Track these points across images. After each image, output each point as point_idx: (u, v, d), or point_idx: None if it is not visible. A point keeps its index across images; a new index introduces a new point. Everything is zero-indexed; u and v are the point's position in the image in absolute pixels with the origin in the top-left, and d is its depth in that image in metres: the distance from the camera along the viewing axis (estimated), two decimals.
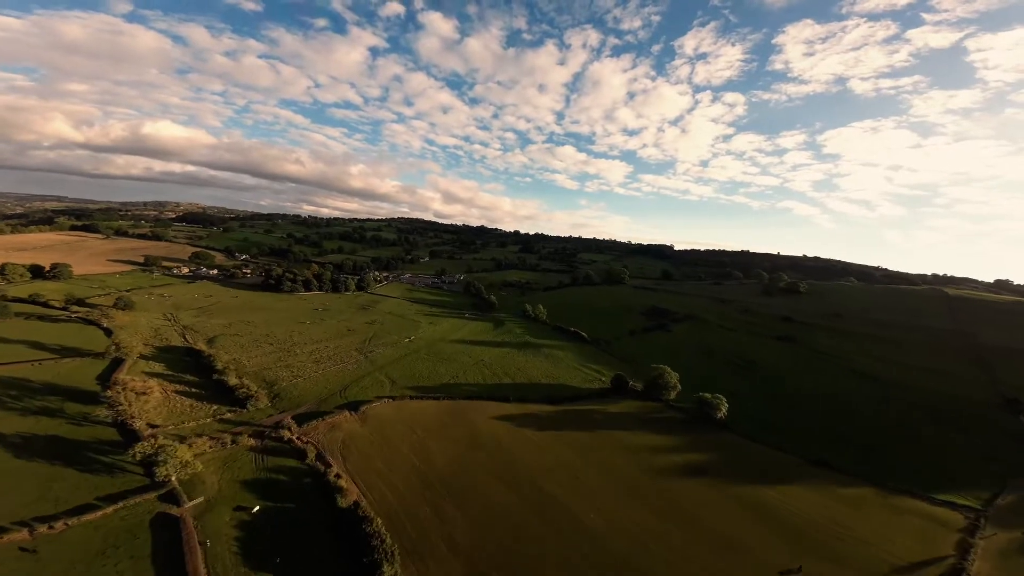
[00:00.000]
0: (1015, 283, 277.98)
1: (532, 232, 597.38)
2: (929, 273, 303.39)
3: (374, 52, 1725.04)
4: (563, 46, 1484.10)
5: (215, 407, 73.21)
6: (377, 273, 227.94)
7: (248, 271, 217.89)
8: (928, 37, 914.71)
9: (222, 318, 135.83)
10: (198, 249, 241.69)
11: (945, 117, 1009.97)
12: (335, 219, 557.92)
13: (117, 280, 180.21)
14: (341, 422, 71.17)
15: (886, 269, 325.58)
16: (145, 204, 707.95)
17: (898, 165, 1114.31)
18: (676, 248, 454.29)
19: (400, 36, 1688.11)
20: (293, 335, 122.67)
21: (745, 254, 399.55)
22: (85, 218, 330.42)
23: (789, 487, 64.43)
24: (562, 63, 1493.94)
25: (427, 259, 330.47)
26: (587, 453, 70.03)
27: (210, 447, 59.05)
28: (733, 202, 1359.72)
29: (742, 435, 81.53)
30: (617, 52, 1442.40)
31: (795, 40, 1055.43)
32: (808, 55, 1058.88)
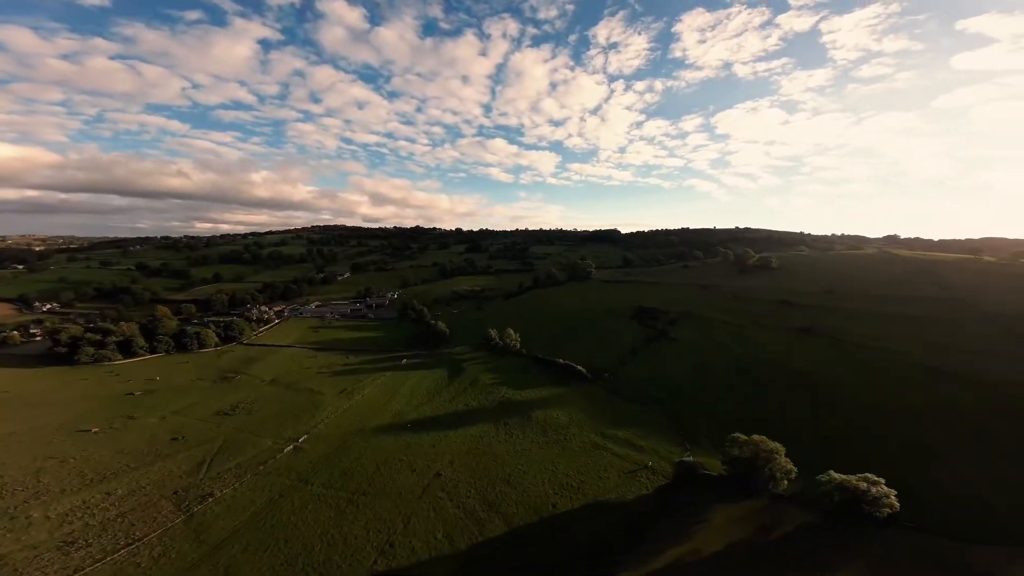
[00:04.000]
0: (900, 237, 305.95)
1: (476, 229, 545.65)
2: (831, 233, 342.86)
3: (266, 45, 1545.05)
4: (483, 36, 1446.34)
5: None
6: (265, 308, 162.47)
7: (39, 332, 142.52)
8: (793, 21, 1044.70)
9: None
10: None
11: (805, 95, 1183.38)
12: (222, 236, 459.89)
13: None
14: None
15: (811, 234, 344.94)
16: None
17: (773, 140, 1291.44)
18: (623, 232, 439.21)
19: (297, 27, 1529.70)
20: (45, 470, 62.22)
21: (686, 231, 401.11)
22: None
23: None
24: (484, 54, 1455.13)
25: (348, 275, 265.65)
26: None
27: None
28: (648, 184, 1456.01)
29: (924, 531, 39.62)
30: (537, 42, 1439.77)
31: (690, 28, 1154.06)
32: (701, 42, 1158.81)
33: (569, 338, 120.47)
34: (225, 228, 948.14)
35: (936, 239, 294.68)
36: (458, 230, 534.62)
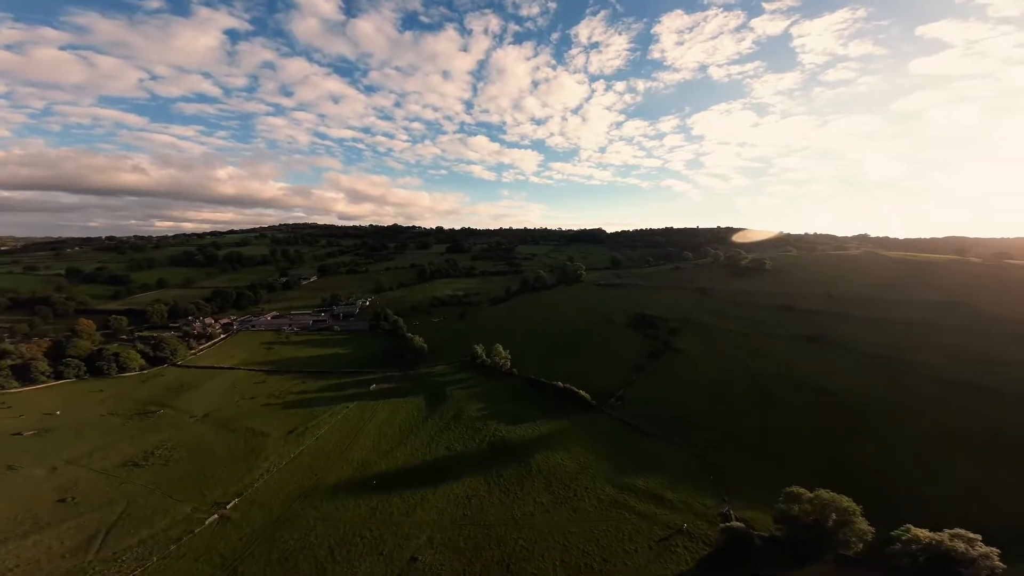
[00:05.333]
0: (871, 236, 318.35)
1: (458, 227, 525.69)
2: (804, 232, 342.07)
3: (233, 36, 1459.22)
4: (464, 31, 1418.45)
5: None
6: (211, 320, 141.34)
7: None
8: (766, 25, 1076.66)
9: None
10: None
11: (775, 98, 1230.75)
12: (175, 236, 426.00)
13: None
14: None
15: (794, 234, 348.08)
16: None
17: (744, 142, 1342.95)
18: (608, 231, 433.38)
19: (267, 17, 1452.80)
20: None
21: (671, 231, 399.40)
22: None
23: None
24: (465, 49, 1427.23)
25: (314, 278, 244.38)
26: None
27: None
28: (627, 184, 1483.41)
29: None
30: (519, 39, 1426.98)
31: (669, 30, 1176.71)
32: (679, 44, 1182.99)
33: (565, 353, 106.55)
34: (189, 227, 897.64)
35: (902, 238, 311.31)
36: (439, 228, 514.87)
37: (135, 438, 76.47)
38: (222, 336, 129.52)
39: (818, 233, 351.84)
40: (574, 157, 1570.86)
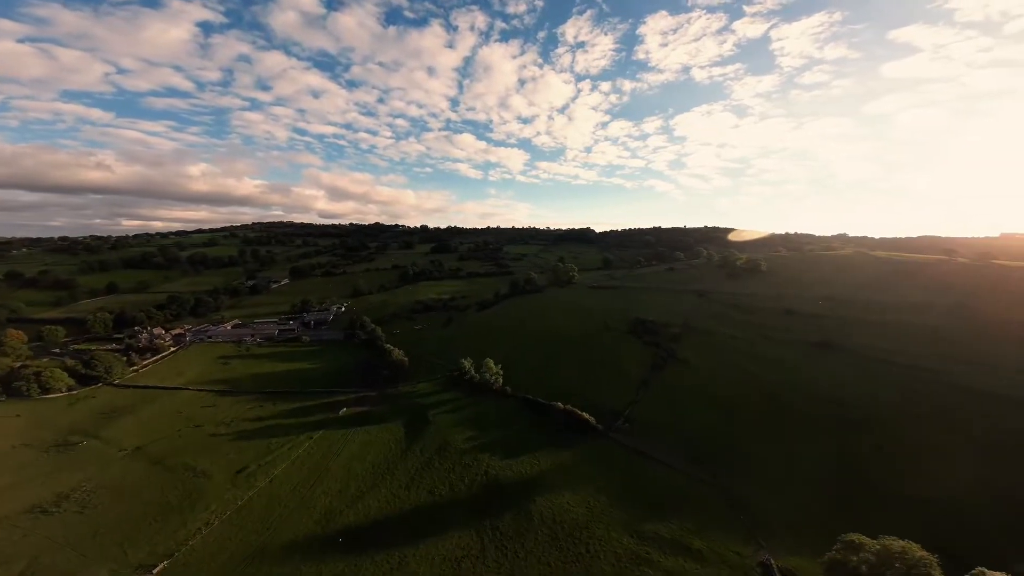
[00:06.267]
0: (850, 235, 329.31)
1: (444, 226, 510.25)
2: (786, 232, 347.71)
3: (206, 28, 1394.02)
4: (450, 27, 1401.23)
5: None
6: (160, 330, 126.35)
7: None
8: (747, 28, 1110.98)
9: None
10: None
11: (754, 100, 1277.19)
12: (135, 235, 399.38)
13: None
14: None
15: (781, 234, 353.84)
16: None
17: (724, 143, 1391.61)
18: (597, 231, 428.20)
19: (243, 9, 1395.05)
20: None
21: (659, 230, 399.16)
22: None
23: None
24: (451, 46, 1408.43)
25: (286, 282, 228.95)
26: None
27: None
28: (612, 184, 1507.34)
29: None
30: (506, 37, 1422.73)
31: (653, 31, 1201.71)
32: (663, 45, 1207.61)
33: (561, 364, 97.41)
34: (159, 226, 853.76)
35: (878, 237, 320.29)
36: (423, 227, 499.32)
37: (49, 477, 63.44)
38: (172, 349, 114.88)
39: (799, 232, 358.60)
40: (560, 156, 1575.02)
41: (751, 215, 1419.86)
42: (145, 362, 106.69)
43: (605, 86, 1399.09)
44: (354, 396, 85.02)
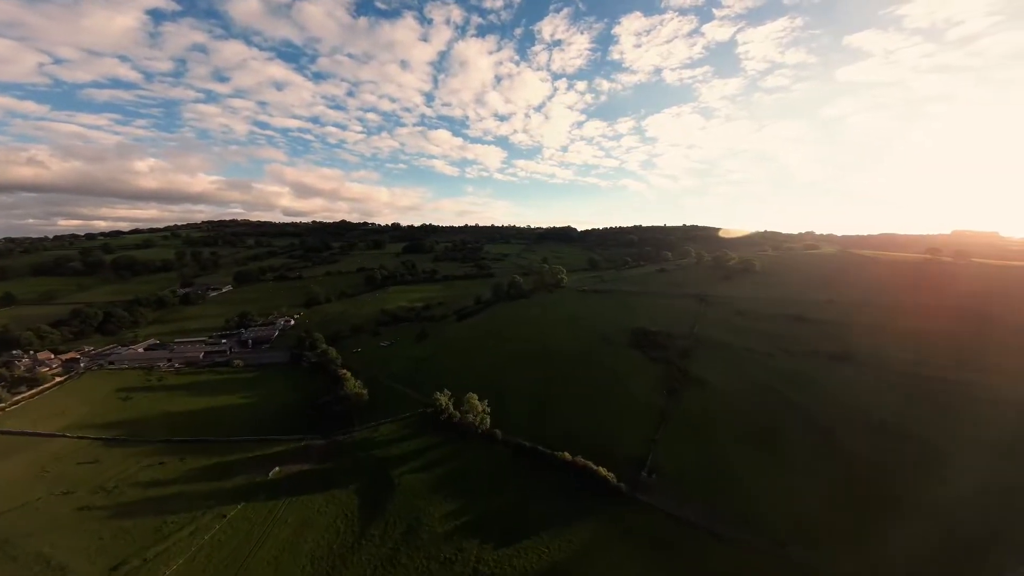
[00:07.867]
0: (817, 233, 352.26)
1: (418, 224, 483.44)
2: (754, 231, 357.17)
3: (156, 16, 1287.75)
4: (424, 20, 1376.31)
5: None
6: (48, 355, 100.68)
7: None
8: (716, 31, 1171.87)
9: None
10: None
11: (720, 103, 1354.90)
12: (56, 237, 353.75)
13: None
14: None
15: (766, 232, 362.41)
16: None
17: (692, 144, 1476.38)
18: (579, 229, 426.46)
19: None
20: None
21: (640, 229, 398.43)
22: None
23: None
24: (425, 39, 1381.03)
25: (228, 288, 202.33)
26: None
27: None
28: (588, 183, 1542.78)
29: None
30: (482, 32, 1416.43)
31: (628, 32, 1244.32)
32: (637, 47, 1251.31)
33: (560, 391, 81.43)
34: (102, 225, 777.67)
35: (840, 235, 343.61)
36: (395, 225, 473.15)
37: None
38: (58, 380, 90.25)
39: (769, 231, 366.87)
40: (538, 155, 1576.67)
41: (719, 214, 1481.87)
42: (17, 397, 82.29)
43: (581, 85, 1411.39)
44: (294, 446, 65.13)
